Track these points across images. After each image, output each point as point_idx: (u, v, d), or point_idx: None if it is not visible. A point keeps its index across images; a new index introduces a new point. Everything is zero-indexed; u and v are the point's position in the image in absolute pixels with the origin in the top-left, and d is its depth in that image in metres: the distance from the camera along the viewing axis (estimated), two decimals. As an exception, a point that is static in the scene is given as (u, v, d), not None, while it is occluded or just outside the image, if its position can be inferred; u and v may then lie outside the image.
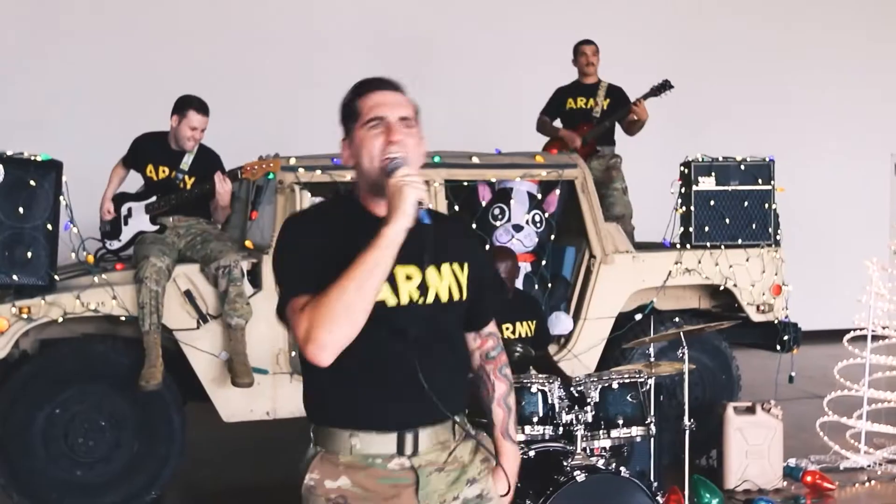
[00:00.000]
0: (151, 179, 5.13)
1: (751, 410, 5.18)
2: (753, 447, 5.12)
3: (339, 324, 1.79)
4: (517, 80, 8.67)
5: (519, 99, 7.48)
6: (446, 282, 2.02)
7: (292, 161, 5.02)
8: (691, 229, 5.71)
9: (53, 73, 8.30)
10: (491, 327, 2.23)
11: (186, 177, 5.10)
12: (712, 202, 5.71)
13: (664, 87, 6.33)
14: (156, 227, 5.05)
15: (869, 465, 5.51)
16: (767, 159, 5.77)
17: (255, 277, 4.91)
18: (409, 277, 1.96)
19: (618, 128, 6.54)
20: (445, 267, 2.02)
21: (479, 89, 9.00)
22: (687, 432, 4.41)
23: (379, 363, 1.94)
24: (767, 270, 5.76)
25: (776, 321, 5.81)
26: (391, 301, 1.93)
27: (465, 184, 5.40)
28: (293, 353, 5.02)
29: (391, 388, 1.95)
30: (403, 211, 1.81)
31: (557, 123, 6.66)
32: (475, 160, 5.37)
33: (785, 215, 5.92)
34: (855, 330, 5.69)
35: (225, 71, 8.35)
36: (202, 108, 5.03)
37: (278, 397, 4.95)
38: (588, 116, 6.52)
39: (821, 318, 8.18)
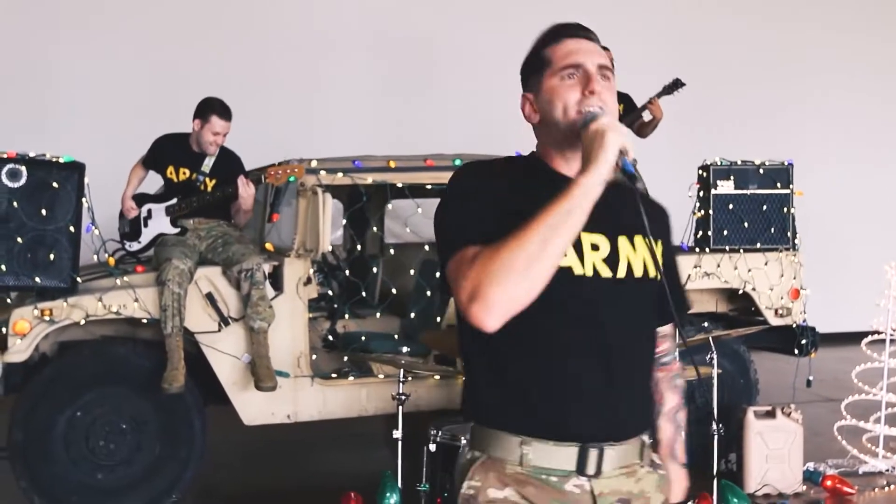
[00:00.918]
0: (172, 181, 5.11)
1: (771, 415, 5.17)
2: (773, 451, 5.11)
3: (514, 280, 1.50)
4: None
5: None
6: (640, 254, 1.74)
7: (314, 164, 5.00)
8: (710, 233, 5.71)
9: (68, 74, 8.27)
10: (669, 328, 1.95)
11: (207, 179, 5.08)
12: (731, 206, 5.71)
13: (676, 85, 6.29)
14: (176, 230, 5.03)
15: (887, 470, 5.51)
16: (786, 163, 5.76)
17: (276, 280, 4.89)
18: (595, 247, 1.69)
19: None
20: (638, 239, 1.74)
21: (488, 90, 8.98)
22: (715, 436, 4.41)
23: (563, 353, 1.66)
24: (786, 274, 5.75)
25: (794, 325, 5.80)
26: (577, 269, 1.66)
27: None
28: (314, 357, 5.01)
29: (578, 389, 1.66)
30: (605, 158, 1.56)
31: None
32: (496, 163, 5.35)
33: (798, 218, 5.91)
34: (873, 333, 5.69)
35: (233, 73, 8.30)
36: (225, 112, 5.01)
37: (299, 401, 4.93)
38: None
39: (835, 321, 8.18)
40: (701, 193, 5.78)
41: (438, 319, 5.10)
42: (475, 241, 1.58)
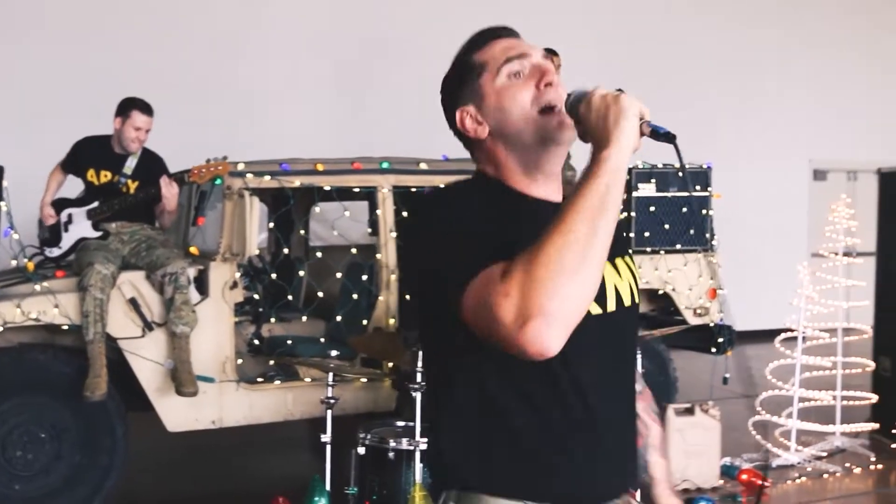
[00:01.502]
0: (93, 184, 5.01)
1: (690, 412, 5.31)
2: (692, 447, 5.26)
3: (572, 279, 1.24)
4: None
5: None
6: (626, 279, 1.55)
7: (241, 166, 4.96)
8: (632, 234, 5.84)
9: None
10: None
11: (129, 181, 5.00)
12: (652, 208, 5.85)
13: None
14: (98, 234, 4.94)
15: (799, 463, 5.71)
16: (705, 166, 5.93)
17: (201, 284, 4.83)
18: None
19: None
20: (619, 262, 1.57)
21: (428, 93, 8.96)
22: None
23: (566, 398, 1.44)
24: (704, 275, 5.92)
25: (712, 324, 5.98)
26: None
27: (414, 190, 5.42)
28: (240, 361, 4.97)
29: (585, 439, 1.45)
30: (626, 125, 1.35)
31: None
32: (423, 166, 5.39)
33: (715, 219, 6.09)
34: (786, 331, 5.89)
35: (167, 76, 8.12)
36: (146, 108, 4.94)
37: (224, 406, 4.89)
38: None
39: (747, 319, 8.40)
40: (623, 195, 5.89)
41: (364, 322, 5.11)
42: (496, 259, 1.31)
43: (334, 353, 4.65)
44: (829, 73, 11.11)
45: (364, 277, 5.25)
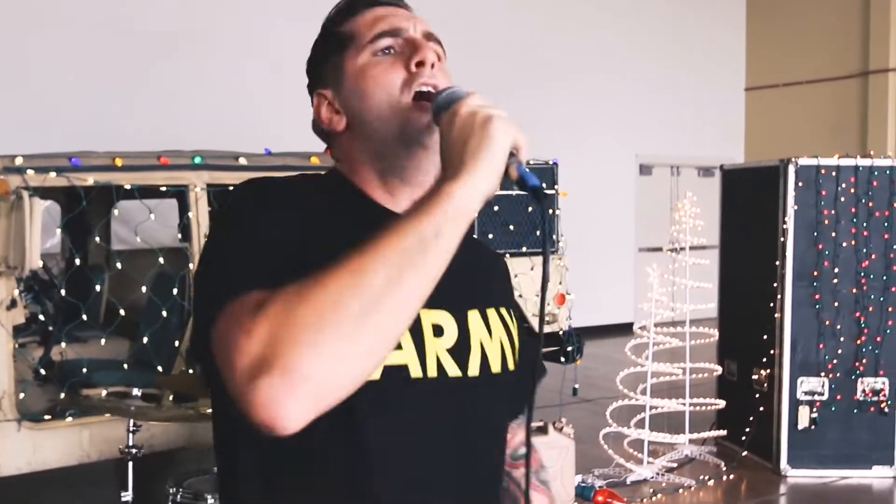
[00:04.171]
0: None
1: (543, 430, 4.89)
2: (546, 469, 4.85)
3: (341, 338, 0.90)
4: (279, 74, 8.01)
5: (282, 94, 6.84)
6: (497, 336, 1.19)
7: (19, 160, 4.13)
8: (474, 237, 5.37)
9: None
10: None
11: None
12: (496, 207, 5.42)
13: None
14: None
15: (652, 477, 5.43)
16: (551, 162, 5.55)
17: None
18: (438, 331, 1.12)
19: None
20: (492, 314, 1.20)
21: (245, 83, 8.21)
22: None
23: (396, 495, 1.07)
24: (551, 279, 5.53)
25: (560, 332, 5.61)
26: (415, 369, 1.08)
27: (231, 189, 4.72)
28: (22, 395, 4.15)
29: None
30: (490, 158, 1.00)
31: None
32: (242, 161, 4.71)
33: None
34: (639, 332, 5.60)
35: None
36: None
37: (2, 450, 4.05)
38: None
39: (588, 315, 8.23)
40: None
41: (176, 343, 4.39)
42: (264, 285, 0.96)
43: (138, 383, 3.91)
44: (651, 72, 11.29)
45: (175, 290, 4.52)
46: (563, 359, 5.66)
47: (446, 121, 1.05)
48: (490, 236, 5.40)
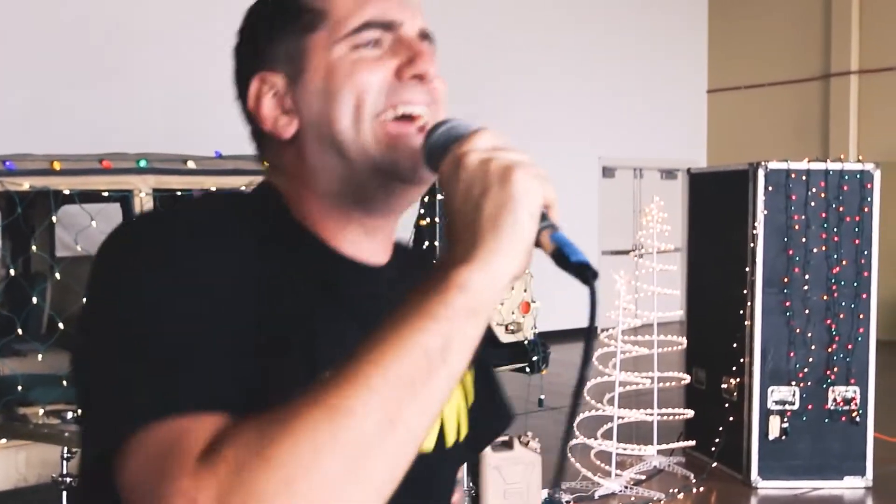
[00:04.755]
0: None
1: (508, 445, 4.72)
2: (511, 486, 4.67)
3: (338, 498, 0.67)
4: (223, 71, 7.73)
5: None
6: (455, 405, 0.99)
7: (-55, 165, 3.86)
8: (437, 243, 5.18)
9: None
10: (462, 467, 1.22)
11: None
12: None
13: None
14: None
15: (621, 490, 5.27)
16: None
17: None
18: None
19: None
20: None
21: (194, 80, 7.92)
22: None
23: None
24: (516, 287, 5.35)
25: (525, 341, 5.43)
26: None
27: (180, 194, 4.49)
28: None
29: None
30: (513, 221, 0.74)
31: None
32: (191, 165, 4.47)
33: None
34: (607, 337, 5.44)
35: None
36: None
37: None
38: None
39: (549, 320, 8.08)
40: (426, 199, 5.23)
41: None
42: (209, 405, 0.70)
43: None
44: (613, 74, 11.24)
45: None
46: (528, 369, 5.47)
47: (447, 170, 0.77)
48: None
